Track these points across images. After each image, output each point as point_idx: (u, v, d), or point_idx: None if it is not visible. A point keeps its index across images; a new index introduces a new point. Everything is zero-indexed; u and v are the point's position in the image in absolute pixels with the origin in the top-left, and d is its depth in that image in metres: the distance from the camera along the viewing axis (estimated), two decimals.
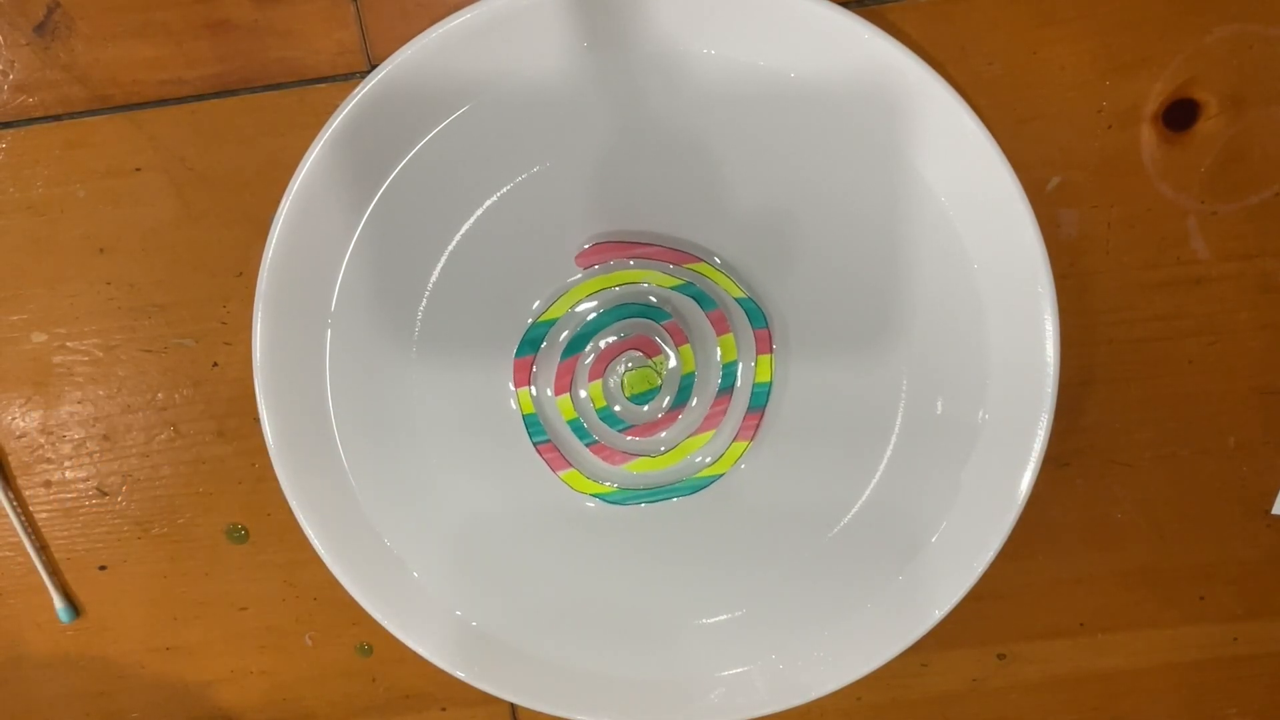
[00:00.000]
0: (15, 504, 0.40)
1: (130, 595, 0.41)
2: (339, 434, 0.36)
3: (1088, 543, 0.39)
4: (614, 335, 0.36)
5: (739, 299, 0.36)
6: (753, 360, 0.36)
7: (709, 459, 0.37)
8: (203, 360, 0.38)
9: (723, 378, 0.37)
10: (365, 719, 0.42)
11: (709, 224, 0.35)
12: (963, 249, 0.34)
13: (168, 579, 0.40)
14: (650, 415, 0.37)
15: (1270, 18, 0.34)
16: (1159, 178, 0.36)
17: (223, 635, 0.41)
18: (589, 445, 0.37)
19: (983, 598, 0.39)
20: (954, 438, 0.36)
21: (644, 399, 0.37)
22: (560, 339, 0.36)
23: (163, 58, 0.35)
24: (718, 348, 0.36)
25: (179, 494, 0.39)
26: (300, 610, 0.41)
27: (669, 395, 0.37)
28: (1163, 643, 0.41)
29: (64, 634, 0.41)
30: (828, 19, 0.32)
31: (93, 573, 0.40)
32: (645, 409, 0.37)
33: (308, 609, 0.41)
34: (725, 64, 0.33)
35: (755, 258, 0.36)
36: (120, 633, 0.41)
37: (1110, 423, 0.38)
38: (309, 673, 0.42)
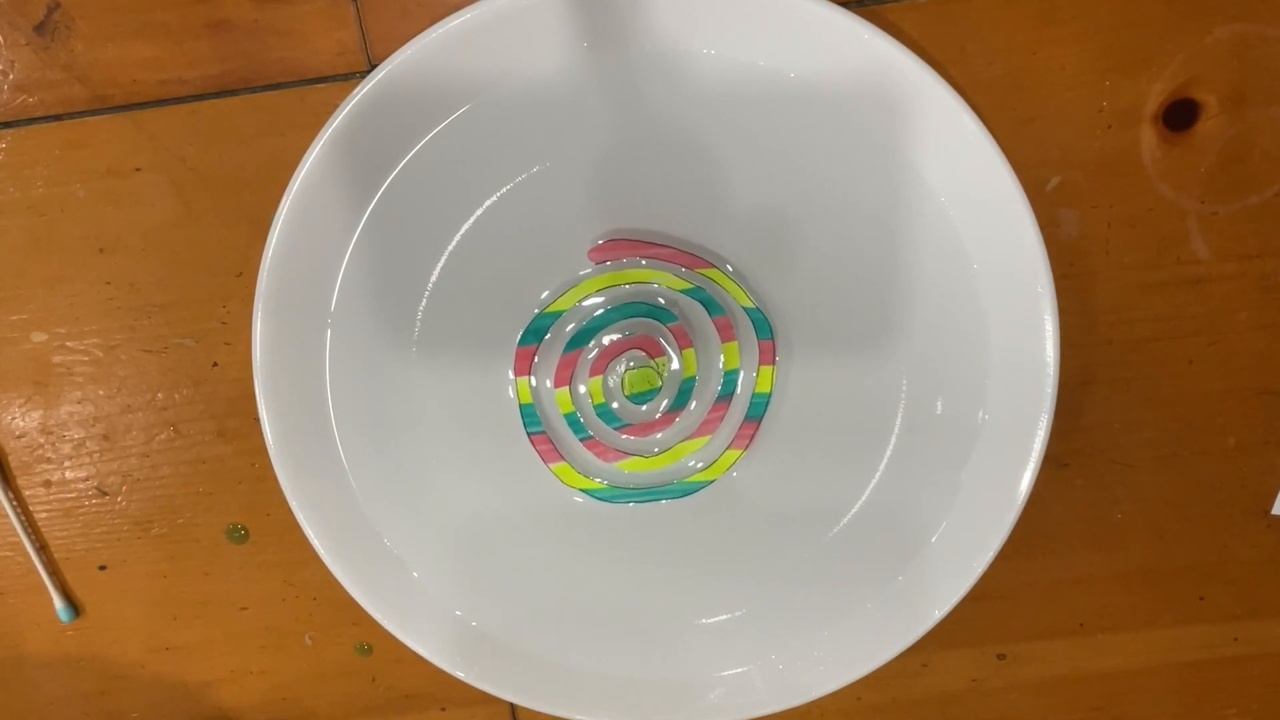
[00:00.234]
0: (15, 504, 0.40)
1: (130, 595, 0.41)
2: (339, 434, 0.36)
3: (1088, 543, 0.39)
4: (619, 333, 0.36)
5: (747, 308, 0.36)
6: (754, 370, 0.36)
7: (701, 464, 0.37)
8: (203, 360, 0.38)
9: (723, 385, 0.37)
10: (365, 719, 0.42)
11: (709, 223, 0.35)
12: (963, 249, 0.34)
13: (168, 579, 0.40)
14: (648, 416, 0.37)
15: (1270, 18, 0.34)
16: (1159, 178, 0.36)
17: (223, 635, 0.41)
18: (583, 440, 0.37)
19: (983, 598, 0.39)
20: (954, 438, 0.36)
21: (643, 399, 0.37)
22: (565, 332, 0.36)
23: (163, 58, 0.35)
24: (721, 354, 0.36)
25: (179, 494, 0.39)
26: (300, 610, 0.41)
27: (668, 397, 0.37)
28: (1163, 643, 0.41)
29: (64, 634, 0.41)
30: (828, 19, 0.32)
31: (93, 573, 0.40)
32: (643, 409, 0.37)
33: (308, 609, 0.41)
34: (725, 64, 0.33)
35: (754, 257, 0.36)
36: (120, 633, 0.41)
37: (1110, 423, 0.38)
38: (309, 672, 0.42)
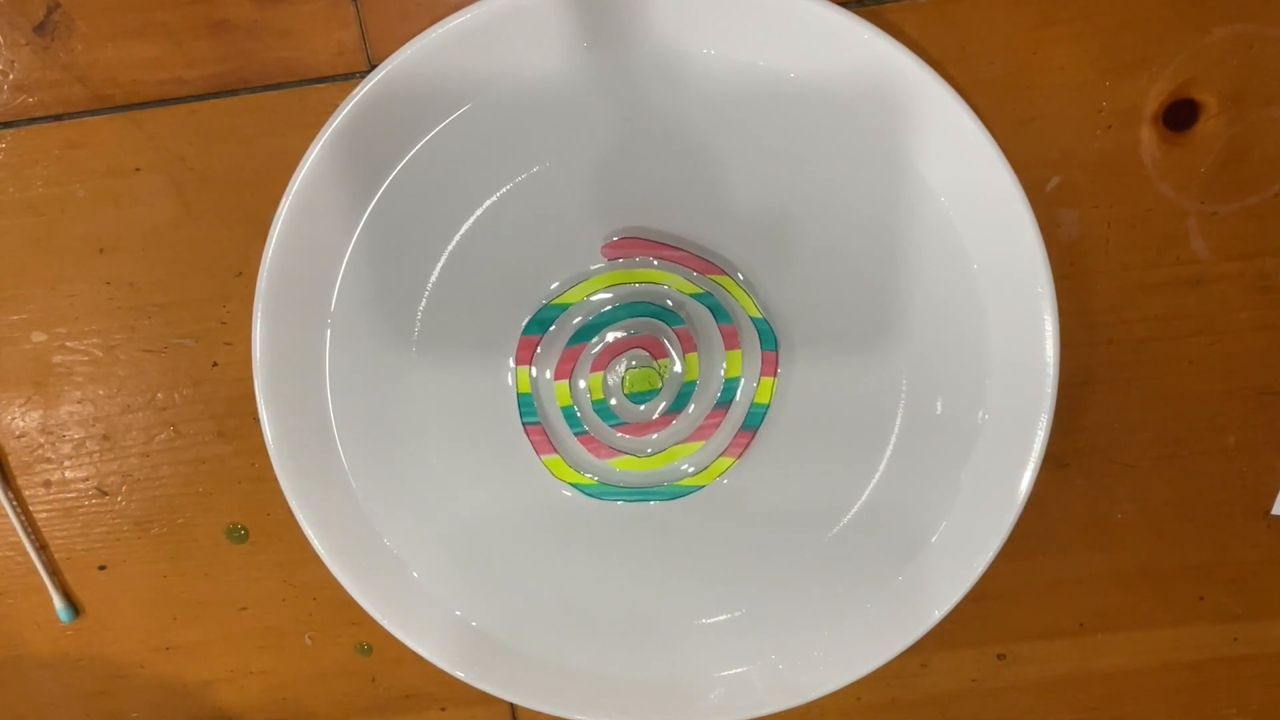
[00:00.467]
0: (15, 504, 0.40)
1: (130, 595, 0.41)
2: (339, 434, 0.36)
3: (1088, 543, 0.39)
4: (624, 331, 0.36)
5: (754, 318, 0.36)
6: (755, 380, 0.36)
7: (693, 469, 0.37)
8: (203, 360, 0.38)
9: (723, 391, 0.37)
10: (365, 719, 0.42)
11: (707, 223, 0.35)
12: (963, 249, 0.34)
13: (167, 579, 0.40)
14: (645, 416, 0.37)
15: (1270, 18, 0.34)
16: (1159, 178, 0.36)
17: (222, 635, 0.41)
18: (578, 434, 0.37)
19: (983, 598, 0.39)
20: (954, 438, 0.36)
21: (642, 399, 0.37)
22: (570, 325, 0.36)
23: (163, 58, 0.35)
24: (724, 361, 0.36)
25: (179, 494, 0.39)
26: (300, 610, 0.41)
27: (667, 399, 0.37)
28: (1162, 643, 0.41)
29: (64, 634, 0.41)
30: (828, 19, 0.32)
31: (92, 572, 0.40)
32: (641, 409, 0.37)
33: (307, 609, 0.41)
34: (725, 64, 0.33)
35: (754, 257, 0.36)
36: (120, 632, 0.41)
37: (1110, 423, 0.38)
38: (309, 672, 0.42)
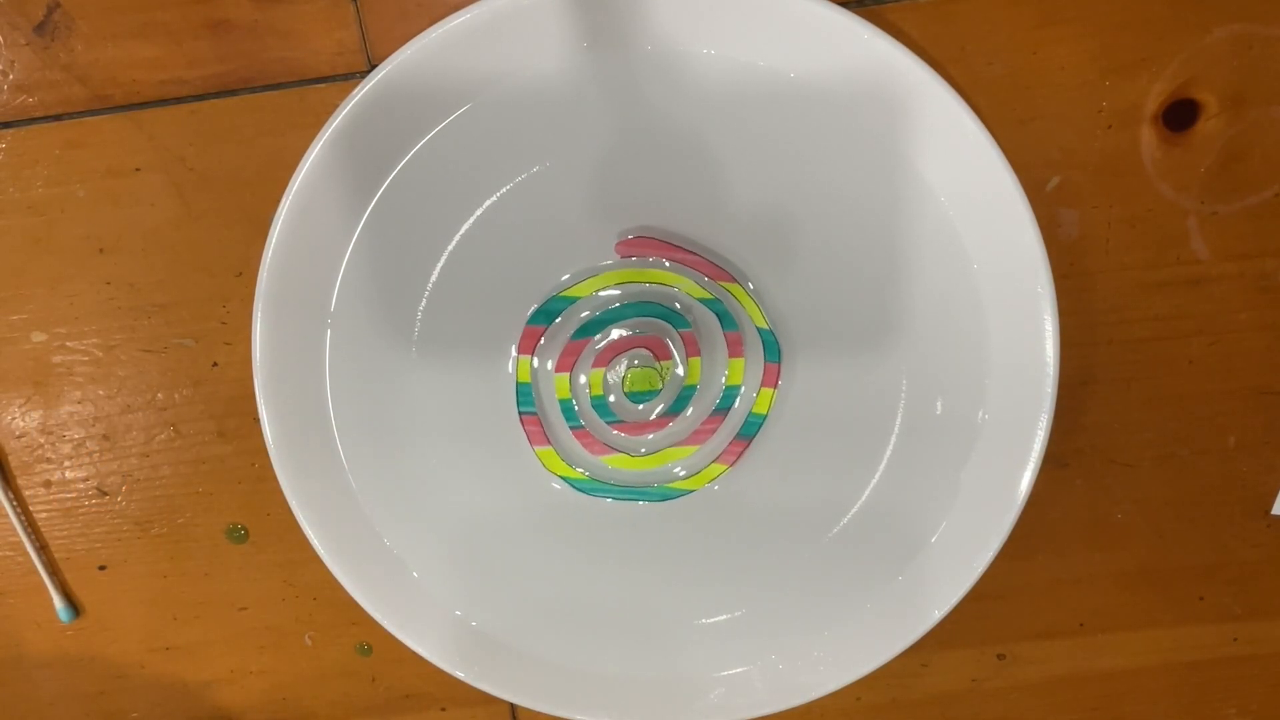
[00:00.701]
0: (15, 504, 0.40)
1: (130, 595, 0.41)
2: (339, 434, 0.36)
3: (1088, 543, 0.39)
4: (628, 329, 0.36)
5: (761, 329, 0.36)
6: (755, 390, 0.37)
7: (684, 472, 0.37)
8: (203, 360, 0.38)
9: (722, 398, 0.37)
10: (365, 719, 0.42)
11: (707, 223, 0.35)
12: (963, 249, 0.34)
13: (167, 579, 0.40)
14: (642, 415, 0.37)
15: (1270, 18, 0.34)
16: (1159, 178, 0.36)
17: (222, 635, 0.41)
18: (573, 429, 0.37)
19: (983, 598, 0.39)
20: (954, 438, 0.36)
21: (641, 398, 0.37)
22: (576, 318, 0.36)
23: (163, 58, 0.35)
24: (726, 368, 0.36)
25: (179, 494, 0.39)
26: (300, 610, 0.41)
27: (666, 401, 0.37)
28: (1162, 643, 0.41)
29: (64, 634, 0.41)
30: (828, 19, 0.32)
31: (92, 573, 0.40)
32: (639, 408, 0.37)
33: (307, 609, 0.41)
34: (725, 64, 0.33)
35: (754, 256, 0.36)
36: (120, 633, 0.41)
37: (1110, 423, 0.38)
38: (309, 672, 0.42)
